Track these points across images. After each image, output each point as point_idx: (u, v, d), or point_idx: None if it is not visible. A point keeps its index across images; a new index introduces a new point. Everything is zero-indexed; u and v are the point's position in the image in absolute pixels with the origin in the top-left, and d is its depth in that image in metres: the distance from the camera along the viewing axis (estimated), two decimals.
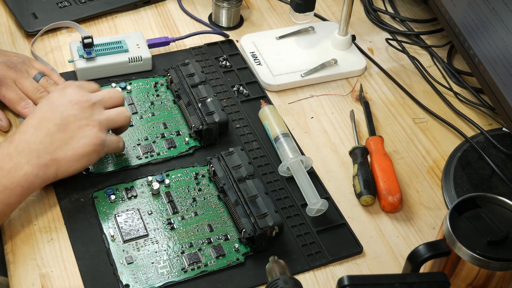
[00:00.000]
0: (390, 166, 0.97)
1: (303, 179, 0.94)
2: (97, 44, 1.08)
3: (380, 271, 0.88)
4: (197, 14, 1.23)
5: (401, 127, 1.07)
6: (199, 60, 1.13)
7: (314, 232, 0.91)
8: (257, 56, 1.14)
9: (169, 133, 1.01)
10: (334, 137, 1.05)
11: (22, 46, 1.14)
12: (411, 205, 0.96)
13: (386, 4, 1.29)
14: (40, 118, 0.86)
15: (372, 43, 1.22)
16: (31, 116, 0.87)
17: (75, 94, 0.88)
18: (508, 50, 0.93)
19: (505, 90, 0.95)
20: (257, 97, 1.08)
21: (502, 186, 0.97)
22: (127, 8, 1.22)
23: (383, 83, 1.14)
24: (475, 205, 0.79)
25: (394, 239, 0.92)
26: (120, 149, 0.94)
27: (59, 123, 0.85)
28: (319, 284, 0.87)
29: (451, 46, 1.21)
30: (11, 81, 1.01)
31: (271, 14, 1.26)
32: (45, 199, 0.93)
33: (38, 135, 0.84)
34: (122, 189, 0.93)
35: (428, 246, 0.77)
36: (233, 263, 0.87)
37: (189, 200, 0.93)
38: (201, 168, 0.97)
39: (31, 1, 1.19)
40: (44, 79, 1.03)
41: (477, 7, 1.00)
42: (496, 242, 0.76)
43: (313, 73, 1.12)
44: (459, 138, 1.06)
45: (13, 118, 1.02)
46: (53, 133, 0.85)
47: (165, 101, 1.06)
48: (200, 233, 0.89)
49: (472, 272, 0.76)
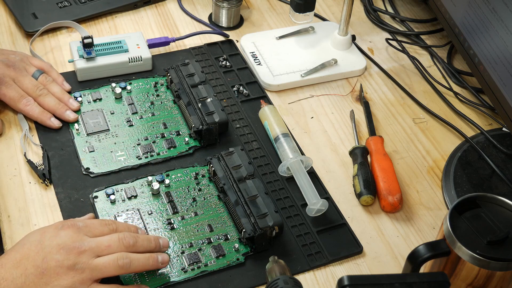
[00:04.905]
0: (390, 166, 0.97)
1: (303, 179, 0.94)
2: (97, 44, 1.08)
3: (380, 271, 0.88)
4: (197, 14, 1.23)
5: (401, 127, 1.07)
6: (199, 60, 1.13)
7: (314, 232, 0.91)
8: (257, 56, 1.14)
9: (169, 133, 1.01)
10: (334, 137, 1.05)
11: (22, 46, 1.14)
12: (411, 205, 0.96)
13: (386, 4, 1.29)
14: (23, 254, 0.78)
15: (372, 43, 1.22)
16: (17, 249, 0.79)
17: (68, 237, 0.79)
18: (508, 50, 0.93)
19: (505, 90, 0.95)
20: (257, 97, 1.08)
21: (502, 186, 0.97)
22: (127, 8, 1.22)
23: (383, 83, 1.14)
24: (475, 205, 0.79)
25: (394, 239, 0.92)
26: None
27: (38, 265, 0.77)
28: (319, 284, 0.87)
29: (451, 46, 1.21)
30: (10, 80, 1.01)
31: (271, 14, 1.26)
32: (45, 199, 0.93)
33: (13, 273, 0.77)
34: (122, 189, 0.93)
35: (428, 246, 0.77)
36: (233, 263, 0.87)
37: (189, 200, 0.93)
38: (201, 168, 0.97)
39: (31, 1, 1.19)
40: (43, 77, 1.03)
41: (477, 7, 1.00)
42: (496, 242, 0.76)
43: (313, 73, 1.12)
44: (459, 138, 1.06)
45: (13, 117, 1.02)
46: (29, 274, 0.77)
47: (165, 101, 1.06)
48: (200, 233, 0.89)
49: (472, 272, 0.76)
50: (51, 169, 0.95)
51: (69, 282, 0.77)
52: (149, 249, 0.83)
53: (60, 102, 1.02)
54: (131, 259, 0.80)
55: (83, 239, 0.80)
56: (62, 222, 0.81)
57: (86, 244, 0.79)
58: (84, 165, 0.96)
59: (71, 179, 0.95)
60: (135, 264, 0.81)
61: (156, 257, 0.83)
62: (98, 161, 0.97)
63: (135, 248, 0.82)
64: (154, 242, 0.84)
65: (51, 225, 0.81)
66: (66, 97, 1.03)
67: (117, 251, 0.81)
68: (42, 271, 0.77)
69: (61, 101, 1.02)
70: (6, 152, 0.98)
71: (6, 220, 0.90)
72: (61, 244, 0.79)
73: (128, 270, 0.80)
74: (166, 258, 0.84)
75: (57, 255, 0.78)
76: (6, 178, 0.95)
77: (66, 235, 0.79)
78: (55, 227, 0.80)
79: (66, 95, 1.03)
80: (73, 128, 1.01)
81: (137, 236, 0.83)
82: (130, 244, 0.82)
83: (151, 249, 0.84)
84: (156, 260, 0.83)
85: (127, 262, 0.80)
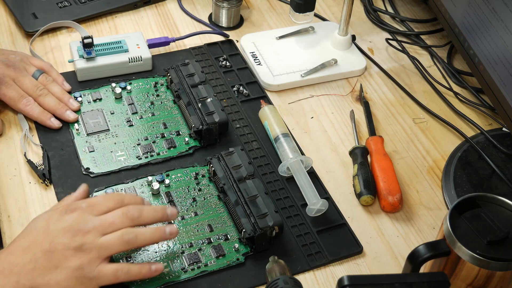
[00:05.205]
0: (390, 166, 0.97)
1: (303, 179, 0.94)
2: (97, 44, 1.08)
3: (380, 271, 0.88)
4: (197, 14, 1.23)
5: (401, 127, 1.07)
6: (199, 60, 1.13)
7: (314, 232, 0.91)
8: (257, 56, 1.14)
9: (169, 133, 1.01)
10: (334, 137, 1.05)
11: (22, 46, 1.14)
12: (411, 205, 0.96)
13: (386, 4, 1.29)
14: (30, 240, 0.79)
15: (372, 43, 1.22)
16: (24, 235, 0.80)
17: (72, 220, 0.80)
18: (508, 50, 0.93)
19: (505, 90, 0.95)
20: (257, 97, 1.08)
21: (502, 186, 0.97)
22: (127, 8, 1.22)
23: (383, 83, 1.14)
24: (475, 205, 0.79)
25: (394, 239, 0.92)
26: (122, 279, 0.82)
27: (46, 249, 0.78)
28: (319, 284, 0.87)
29: (451, 46, 1.21)
30: (10, 80, 1.01)
31: (271, 14, 1.26)
32: (45, 199, 0.93)
33: (23, 259, 0.78)
34: (122, 189, 0.93)
35: (428, 246, 0.77)
36: (233, 263, 0.87)
37: (189, 200, 0.93)
38: (201, 168, 0.97)
39: (31, 1, 1.19)
40: (43, 76, 1.03)
41: (477, 7, 1.00)
42: (496, 242, 0.76)
43: (313, 73, 1.12)
44: (459, 138, 1.06)
45: (13, 117, 1.02)
46: (38, 259, 0.78)
47: (165, 101, 1.06)
48: (200, 233, 0.89)
49: (472, 272, 0.76)
50: (51, 169, 0.95)
51: (78, 263, 0.78)
52: (156, 219, 0.83)
53: (60, 102, 1.02)
54: (136, 233, 0.81)
55: (87, 220, 0.80)
56: (66, 206, 0.82)
57: (90, 224, 0.80)
58: (84, 165, 0.96)
59: (71, 179, 0.95)
60: (142, 238, 0.81)
61: (163, 229, 0.82)
62: (98, 161, 0.97)
63: (141, 220, 0.82)
64: (161, 211, 0.83)
65: (56, 210, 0.82)
66: (66, 97, 1.03)
67: (122, 226, 0.81)
68: (50, 255, 0.78)
69: (61, 101, 1.02)
70: (6, 152, 0.98)
71: (6, 220, 0.90)
72: (66, 227, 0.80)
73: (135, 244, 0.81)
74: (174, 229, 0.83)
75: (63, 238, 0.79)
76: (6, 178, 0.95)
77: (70, 218, 0.80)
78: (59, 212, 0.81)
79: (66, 95, 1.03)
80: (73, 128, 1.01)
81: (141, 207, 0.83)
82: (135, 216, 0.81)
83: (158, 219, 0.83)
84: (164, 232, 0.82)
85: (132, 237, 0.80)
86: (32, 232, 0.80)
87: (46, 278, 0.78)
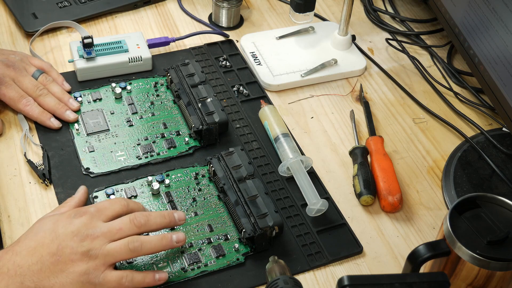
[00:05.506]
0: (390, 166, 0.97)
1: (303, 179, 0.94)
2: (97, 44, 1.08)
3: (380, 271, 0.88)
4: (197, 14, 1.23)
5: (401, 127, 1.07)
6: (199, 60, 1.13)
7: (314, 232, 0.91)
8: (257, 56, 1.15)
9: (169, 133, 1.01)
10: (334, 137, 1.05)
11: (22, 46, 1.14)
12: (411, 205, 0.96)
13: (386, 4, 1.29)
14: (37, 242, 0.79)
15: (372, 43, 1.22)
16: (31, 237, 0.80)
17: (81, 224, 0.80)
18: (508, 50, 0.93)
19: (505, 90, 0.95)
20: (257, 97, 1.08)
21: (502, 186, 0.97)
22: (127, 8, 1.22)
23: (383, 83, 1.14)
24: (475, 205, 0.79)
25: (394, 239, 0.92)
26: None
27: (53, 252, 0.78)
28: (319, 284, 0.87)
29: (451, 46, 1.21)
30: (10, 80, 1.01)
31: (271, 14, 1.26)
32: (45, 199, 0.93)
33: (29, 260, 0.78)
34: (122, 189, 0.93)
35: (428, 246, 0.77)
36: (233, 263, 0.87)
37: (189, 200, 0.93)
38: (201, 168, 0.97)
39: (31, 1, 1.19)
40: (43, 76, 1.03)
41: (477, 7, 1.00)
42: (496, 242, 0.76)
43: (313, 73, 1.12)
44: (459, 138, 1.06)
45: (13, 117, 1.02)
46: (44, 261, 0.78)
47: (165, 101, 1.06)
48: (200, 233, 0.89)
49: (472, 272, 0.76)
50: (51, 169, 0.95)
51: (83, 268, 0.78)
52: (163, 225, 0.83)
53: (60, 102, 1.02)
54: (141, 241, 0.80)
55: (95, 225, 0.81)
56: (75, 210, 0.82)
57: (99, 230, 0.80)
58: (84, 165, 0.96)
59: (71, 179, 0.95)
60: (147, 246, 0.81)
61: (169, 236, 0.82)
62: (98, 161, 0.97)
63: (148, 227, 0.82)
64: (168, 217, 0.84)
65: (64, 214, 0.82)
66: (66, 97, 1.03)
67: (129, 233, 0.81)
68: (57, 258, 0.78)
69: (61, 101, 1.02)
70: (6, 152, 0.98)
71: (6, 220, 0.90)
72: (75, 231, 0.80)
73: (140, 253, 0.81)
74: (181, 236, 0.83)
75: (71, 242, 0.79)
76: (6, 178, 0.95)
77: (79, 223, 0.80)
78: (68, 216, 0.81)
79: (66, 95, 1.03)
80: (73, 128, 1.01)
81: (148, 214, 0.83)
82: (142, 223, 0.81)
83: (166, 224, 0.83)
84: (170, 239, 0.82)
85: (137, 245, 0.80)
86: (39, 234, 0.80)
87: (51, 281, 0.78)
